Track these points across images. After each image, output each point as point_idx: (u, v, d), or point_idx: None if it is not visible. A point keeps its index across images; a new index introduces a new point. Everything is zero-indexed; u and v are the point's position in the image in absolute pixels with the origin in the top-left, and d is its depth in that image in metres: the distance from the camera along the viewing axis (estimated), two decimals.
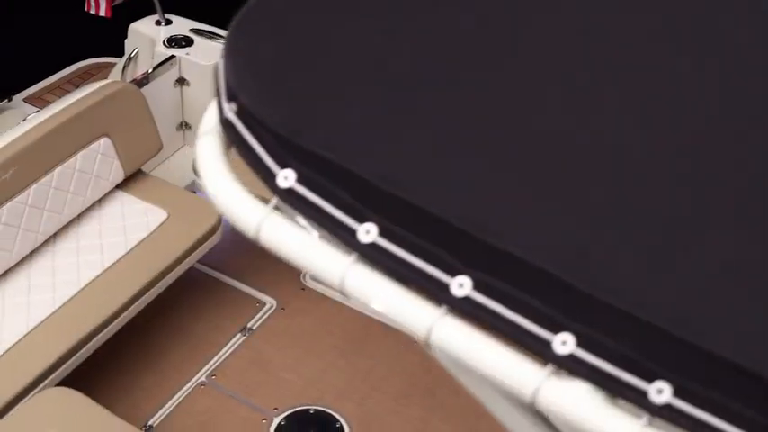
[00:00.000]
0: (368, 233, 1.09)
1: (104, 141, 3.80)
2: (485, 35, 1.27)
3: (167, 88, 4.44)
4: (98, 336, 3.40)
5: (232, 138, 1.21)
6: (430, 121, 1.15)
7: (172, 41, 4.51)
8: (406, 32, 1.27)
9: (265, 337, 3.95)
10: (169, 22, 4.63)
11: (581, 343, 0.98)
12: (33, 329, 3.34)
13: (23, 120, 4.01)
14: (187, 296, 4.06)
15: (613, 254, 1.01)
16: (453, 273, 1.04)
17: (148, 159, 4.07)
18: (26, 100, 4.95)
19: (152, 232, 3.76)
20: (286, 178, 1.13)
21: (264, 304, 4.10)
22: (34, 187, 3.55)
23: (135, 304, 3.53)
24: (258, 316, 4.04)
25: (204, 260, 3.99)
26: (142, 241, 3.72)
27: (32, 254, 3.65)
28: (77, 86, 4.94)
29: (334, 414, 3.63)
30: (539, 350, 1.00)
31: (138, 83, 4.22)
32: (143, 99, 3.99)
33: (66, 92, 4.88)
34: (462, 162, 1.11)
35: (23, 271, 3.60)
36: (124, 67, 4.61)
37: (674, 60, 1.22)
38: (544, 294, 1.00)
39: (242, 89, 1.19)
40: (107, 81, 4.03)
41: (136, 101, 3.95)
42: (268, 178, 1.14)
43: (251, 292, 4.15)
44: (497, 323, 1.02)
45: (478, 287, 1.03)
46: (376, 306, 1.09)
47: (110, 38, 4.86)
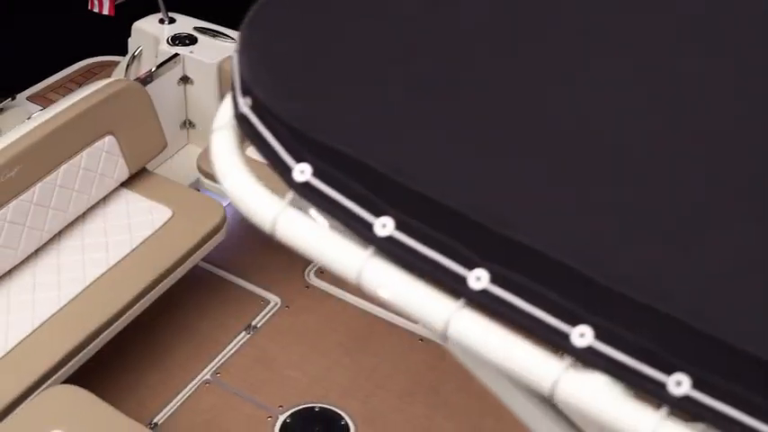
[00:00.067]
0: (384, 227, 1.09)
1: (109, 139, 3.80)
2: (500, 31, 1.27)
3: (171, 86, 4.44)
4: (103, 333, 3.40)
5: (247, 132, 1.21)
6: (446, 115, 1.15)
7: (175, 40, 4.51)
8: (423, 27, 1.27)
9: (270, 335, 3.95)
10: (173, 21, 4.63)
11: (599, 335, 0.98)
12: (39, 327, 3.34)
13: (28, 118, 4.01)
14: (192, 294, 4.06)
15: (631, 246, 1.01)
16: (470, 266, 1.05)
17: (153, 157, 4.07)
18: (30, 98, 4.94)
19: (157, 230, 3.77)
20: (302, 172, 1.13)
21: (269, 302, 4.10)
22: (39, 185, 3.55)
23: (140, 302, 3.53)
24: (263, 314, 4.04)
25: (208, 258, 3.99)
26: (147, 239, 3.72)
27: (37, 252, 3.65)
28: (81, 85, 4.94)
29: (338, 412, 3.63)
30: (557, 343, 1.00)
31: (142, 81, 4.22)
32: (148, 97, 3.99)
33: (69, 90, 4.88)
34: (479, 155, 1.11)
35: (29, 269, 3.60)
36: (128, 66, 4.60)
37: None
38: (562, 287, 1.00)
39: (257, 83, 1.19)
40: (112, 79, 4.02)
41: (140, 99, 3.95)
42: (284, 172, 1.15)
43: (255, 290, 4.15)
44: (515, 316, 1.02)
45: (496, 280, 1.03)
46: (392, 299, 1.09)
47: (113, 36, 4.86)
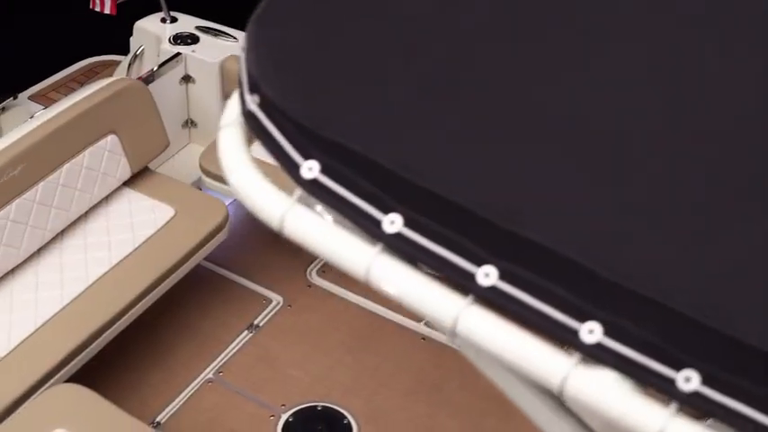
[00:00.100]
0: (392, 223, 1.09)
1: (111, 138, 3.80)
2: (508, 26, 1.27)
3: (173, 86, 4.44)
4: (106, 332, 3.40)
5: (254, 129, 1.21)
6: (453, 112, 1.15)
7: (177, 39, 4.51)
8: (431, 24, 1.27)
9: (272, 334, 3.95)
10: (174, 20, 4.63)
11: (608, 331, 0.98)
12: (42, 326, 3.34)
13: (30, 117, 4.01)
14: (194, 293, 4.06)
15: (639, 242, 1.01)
16: (479, 262, 1.05)
17: (155, 156, 4.07)
18: (31, 98, 4.95)
19: (159, 229, 3.77)
20: (310, 169, 1.13)
21: (271, 301, 4.10)
22: (42, 184, 3.55)
23: (143, 301, 3.53)
24: (265, 313, 4.04)
25: (211, 257, 3.99)
26: (149, 238, 3.72)
27: (40, 251, 3.65)
28: (82, 84, 4.94)
29: (341, 410, 3.63)
30: (566, 339, 1.00)
31: (144, 80, 4.22)
32: (150, 96, 3.99)
33: (71, 89, 4.88)
34: (486, 152, 1.11)
35: (31, 268, 3.60)
36: (129, 65, 4.61)
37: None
38: (571, 283, 1.00)
39: (264, 80, 1.19)
40: (114, 78, 4.02)
41: (143, 98, 3.95)
42: (292, 169, 1.15)
43: (257, 289, 4.15)
44: (524, 312, 1.02)
45: (504, 277, 1.03)
46: (400, 296, 1.09)
47: (115, 36, 4.86)
